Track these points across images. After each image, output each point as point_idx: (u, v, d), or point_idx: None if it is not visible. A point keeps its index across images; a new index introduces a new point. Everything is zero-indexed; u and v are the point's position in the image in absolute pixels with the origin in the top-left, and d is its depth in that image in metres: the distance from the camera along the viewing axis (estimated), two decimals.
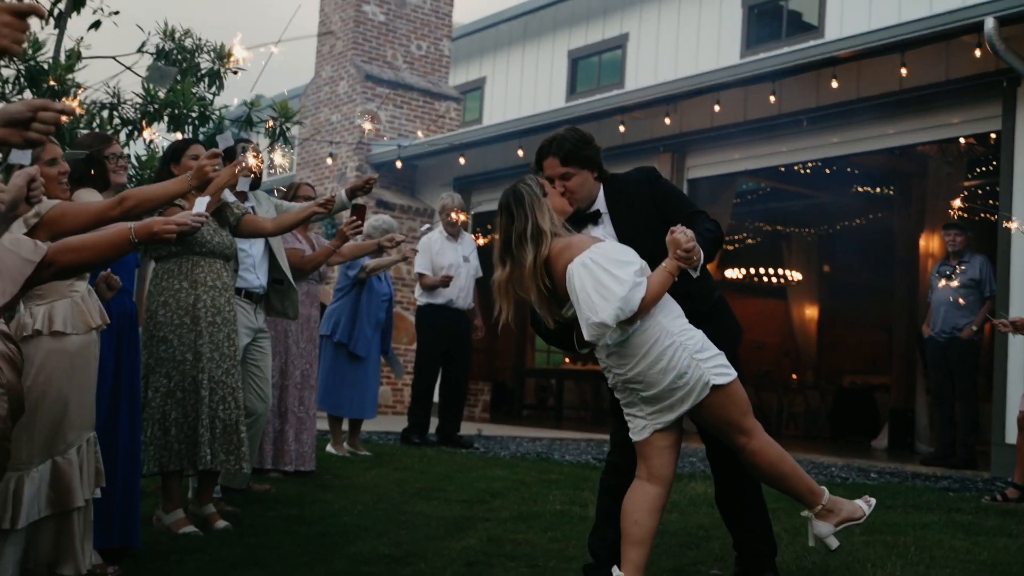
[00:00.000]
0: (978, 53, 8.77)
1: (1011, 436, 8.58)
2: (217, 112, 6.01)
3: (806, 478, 3.76)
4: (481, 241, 9.64)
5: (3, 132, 2.61)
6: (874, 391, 14.80)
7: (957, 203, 10.53)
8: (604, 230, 3.95)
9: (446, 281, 9.05)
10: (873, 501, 3.84)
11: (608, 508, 3.97)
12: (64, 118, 2.65)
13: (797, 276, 16.99)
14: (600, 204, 4.01)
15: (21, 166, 2.96)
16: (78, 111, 5.26)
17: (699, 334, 3.64)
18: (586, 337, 3.60)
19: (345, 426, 8.21)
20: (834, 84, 9.52)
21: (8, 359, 2.83)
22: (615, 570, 3.63)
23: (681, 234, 3.57)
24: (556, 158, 3.96)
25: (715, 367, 3.60)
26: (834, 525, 3.74)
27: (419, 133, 5.32)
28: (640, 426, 3.69)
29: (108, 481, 3.82)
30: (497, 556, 4.49)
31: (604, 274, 3.53)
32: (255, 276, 5.65)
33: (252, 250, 5.65)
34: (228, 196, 4.90)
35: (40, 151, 3.55)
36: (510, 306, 3.85)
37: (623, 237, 3.88)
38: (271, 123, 6.06)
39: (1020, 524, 5.85)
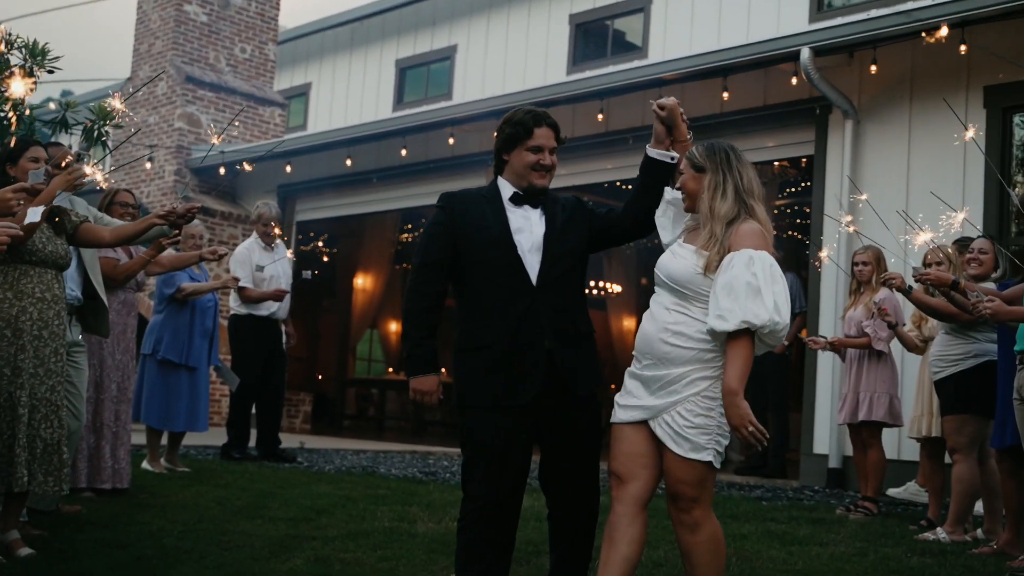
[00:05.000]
0: (794, 81, 9.18)
1: (820, 446, 9.01)
2: (28, 112, 5.65)
3: None
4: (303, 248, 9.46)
5: None
6: None
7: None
8: (538, 216, 3.89)
9: (280, 295, 8.87)
10: None
11: None
12: None
13: (617, 288, 17.39)
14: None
15: None
16: None
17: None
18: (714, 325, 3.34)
19: (164, 440, 7.88)
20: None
21: None
22: None
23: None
24: (554, 131, 3.91)
25: (713, 442, 3.41)
26: None
27: (214, 139, 5.12)
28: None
29: None
30: None
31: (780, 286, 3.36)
32: (69, 288, 5.33)
33: None
34: (68, 201, 4.61)
35: None
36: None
37: (550, 229, 3.86)
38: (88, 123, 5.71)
39: (829, 533, 6.12)
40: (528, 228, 3.86)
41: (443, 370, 3.94)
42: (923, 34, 8.21)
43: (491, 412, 3.76)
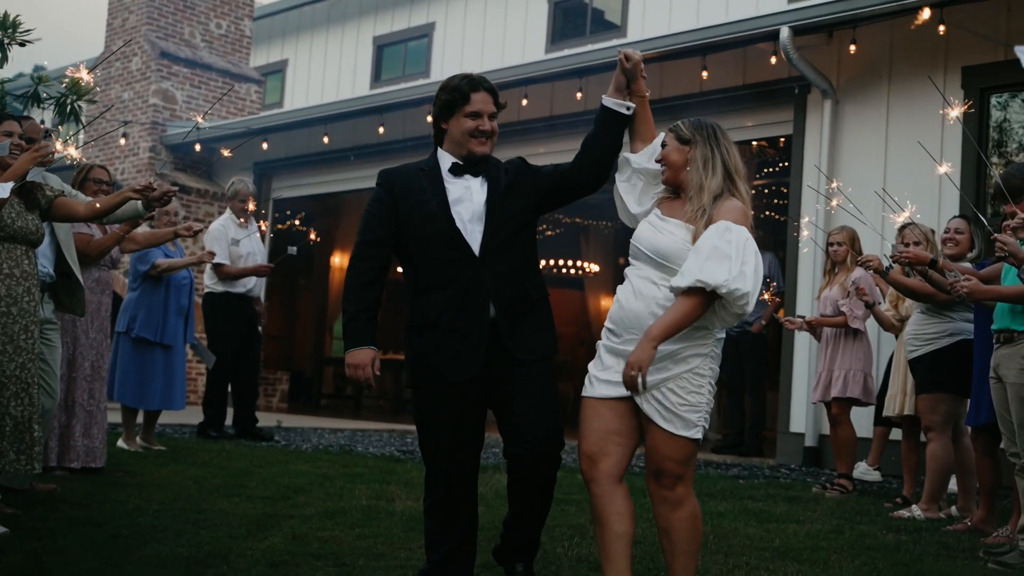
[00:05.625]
0: (773, 60, 9.18)
1: (796, 425, 9.06)
2: (0, 86, 5.58)
3: None
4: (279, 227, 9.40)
5: None
6: None
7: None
8: (479, 184, 3.80)
9: (266, 270, 8.83)
10: None
11: None
12: None
13: (595, 268, 17.39)
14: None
15: None
16: None
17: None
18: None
19: (140, 419, 7.83)
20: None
21: None
22: None
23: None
24: (491, 96, 3.82)
25: (702, 419, 3.40)
26: None
27: (198, 118, 5.06)
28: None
29: None
30: (303, 555, 4.35)
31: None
32: (41, 264, 5.26)
33: None
34: (41, 176, 4.54)
35: None
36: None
37: (492, 196, 3.78)
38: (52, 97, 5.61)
39: (805, 510, 6.16)
40: (468, 197, 3.77)
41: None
42: (906, 17, 8.21)
43: (437, 388, 3.73)
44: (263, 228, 9.01)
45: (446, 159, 3.84)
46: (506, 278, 3.73)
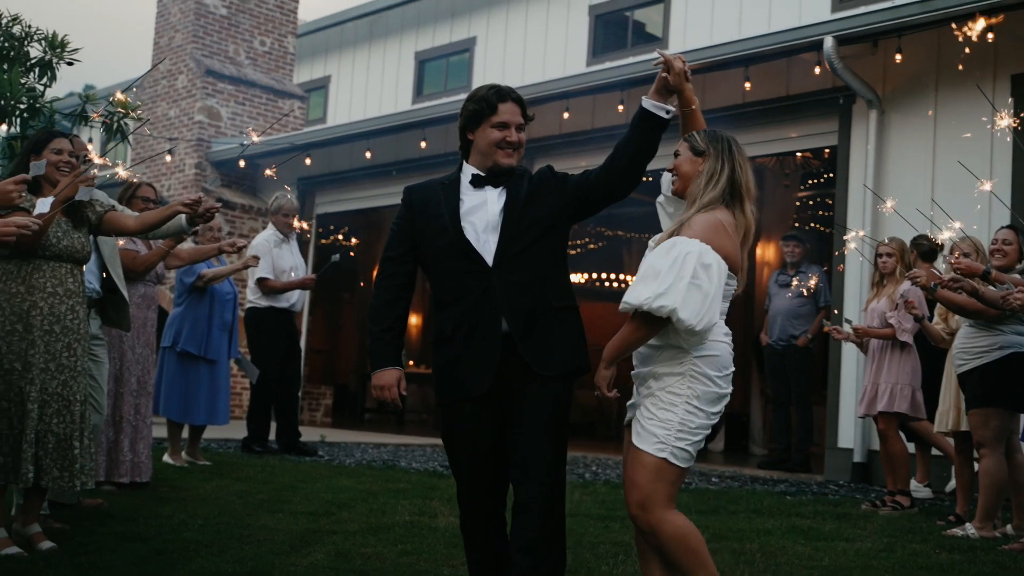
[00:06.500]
0: (817, 71, 9.08)
1: (844, 440, 8.93)
2: (48, 105, 5.64)
3: None
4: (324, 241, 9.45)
5: None
6: None
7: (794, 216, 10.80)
8: (497, 193, 3.68)
9: (310, 283, 8.87)
10: None
11: None
12: None
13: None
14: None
15: None
16: None
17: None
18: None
19: (185, 434, 7.88)
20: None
21: None
22: None
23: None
24: (519, 106, 3.72)
25: (672, 438, 3.27)
26: None
27: (252, 133, 5.08)
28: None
29: None
30: (346, 572, 4.35)
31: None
32: (88, 280, 5.30)
33: None
34: (89, 193, 4.57)
35: None
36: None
37: (510, 204, 3.65)
38: (97, 115, 5.67)
39: (855, 528, 6.06)
40: (483, 207, 3.66)
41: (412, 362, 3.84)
42: (953, 25, 8.09)
43: (455, 403, 3.66)
44: (304, 227, 8.98)
45: (469, 171, 3.75)
46: (523, 288, 3.59)
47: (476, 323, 3.59)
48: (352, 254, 11.03)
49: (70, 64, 5.63)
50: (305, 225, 8.92)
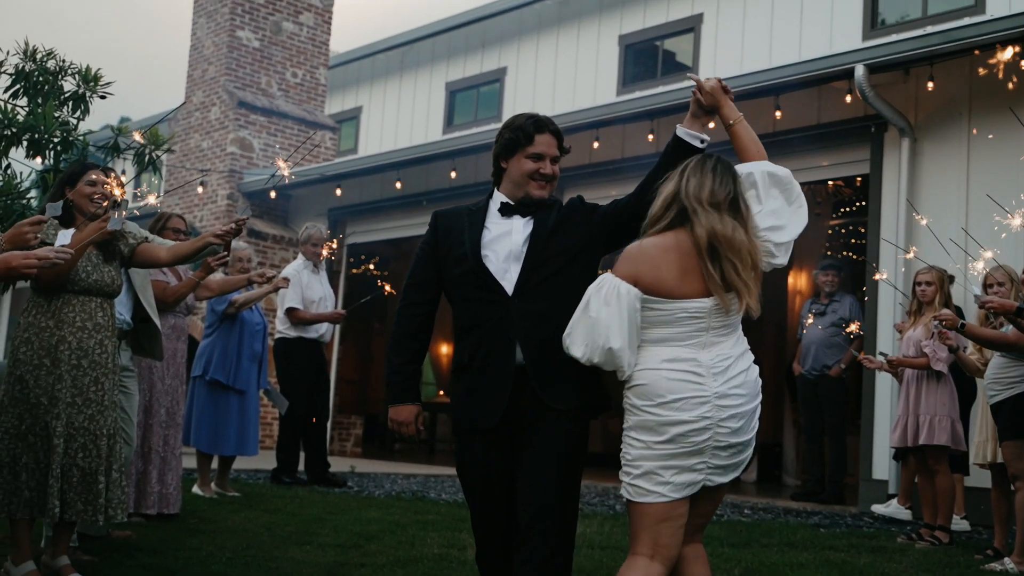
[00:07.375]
0: (848, 99, 9.03)
1: (879, 471, 8.80)
2: (81, 137, 5.69)
3: None
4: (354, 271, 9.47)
5: None
6: None
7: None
8: (523, 223, 3.64)
9: (339, 317, 8.91)
10: None
11: None
12: None
13: None
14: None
15: None
16: None
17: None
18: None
19: (214, 465, 7.88)
20: (711, 125, 9.65)
21: None
22: None
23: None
24: (556, 138, 3.69)
25: (626, 475, 3.21)
26: None
27: (280, 163, 5.06)
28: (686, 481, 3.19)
29: None
30: None
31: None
32: (119, 312, 5.32)
33: None
34: (121, 224, 4.57)
35: None
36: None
37: (536, 233, 3.60)
38: (140, 139, 5.71)
39: (890, 562, 5.95)
40: (507, 236, 3.62)
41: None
42: (984, 53, 8.02)
43: (468, 434, 3.63)
44: (331, 248, 8.97)
45: (498, 199, 3.71)
46: (541, 317, 3.51)
47: (491, 352, 3.56)
48: (388, 289, 11.01)
49: (103, 98, 5.69)
50: (329, 249, 8.90)
